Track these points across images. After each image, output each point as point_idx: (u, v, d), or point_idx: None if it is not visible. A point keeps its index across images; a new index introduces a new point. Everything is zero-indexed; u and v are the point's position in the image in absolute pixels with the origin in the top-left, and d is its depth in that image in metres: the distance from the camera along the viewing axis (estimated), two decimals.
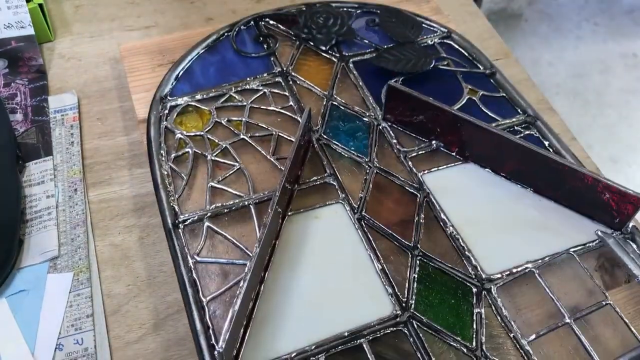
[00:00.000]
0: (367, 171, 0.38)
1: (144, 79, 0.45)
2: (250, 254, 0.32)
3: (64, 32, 0.49)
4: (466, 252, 0.34)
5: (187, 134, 0.40)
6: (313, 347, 0.30)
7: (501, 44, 0.51)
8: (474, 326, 0.31)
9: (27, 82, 0.43)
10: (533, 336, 0.31)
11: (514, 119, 0.42)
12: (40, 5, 0.46)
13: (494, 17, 1.44)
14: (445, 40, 0.49)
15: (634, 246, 0.34)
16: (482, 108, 0.43)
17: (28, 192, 0.38)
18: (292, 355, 0.29)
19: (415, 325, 0.31)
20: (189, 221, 0.35)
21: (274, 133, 0.40)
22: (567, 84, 1.42)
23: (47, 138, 0.40)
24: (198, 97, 0.42)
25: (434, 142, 0.40)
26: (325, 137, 0.41)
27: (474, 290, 0.33)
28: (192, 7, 0.53)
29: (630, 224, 0.35)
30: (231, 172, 0.38)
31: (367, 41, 0.48)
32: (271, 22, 0.49)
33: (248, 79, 0.44)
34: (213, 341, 0.29)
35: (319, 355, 0.29)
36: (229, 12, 0.52)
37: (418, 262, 0.34)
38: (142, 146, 0.41)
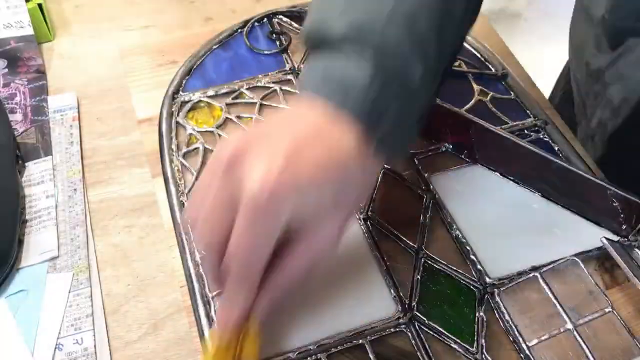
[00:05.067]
0: None
1: (143, 79, 0.49)
2: None
3: (63, 32, 0.53)
4: (471, 256, 0.38)
5: (198, 129, 0.44)
6: (315, 345, 0.33)
7: (501, 43, 0.55)
8: (476, 329, 0.34)
9: (27, 82, 0.48)
10: (535, 341, 0.34)
11: (524, 122, 0.46)
12: (40, 5, 0.50)
13: (494, 17, 1.50)
14: None
15: None
16: (493, 110, 0.47)
17: (27, 192, 0.41)
18: (294, 353, 0.33)
19: (417, 327, 0.34)
20: None
21: None
22: None
23: (46, 138, 0.44)
24: (210, 93, 0.46)
25: (443, 143, 0.44)
26: None
27: (477, 293, 0.36)
28: (192, 6, 0.57)
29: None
30: None
31: None
32: (284, 19, 0.53)
33: (259, 76, 0.48)
34: None
35: (320, 354, 0.33)
36: (228, 12, 0.57)
37: (422, 263, 0.37)
38: (141, 146, 0.45)
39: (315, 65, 0.30)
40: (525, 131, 0.45)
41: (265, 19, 0.53)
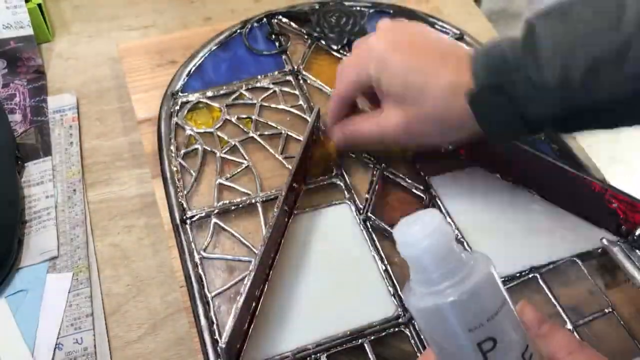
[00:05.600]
0: (375, 172, 0.42)
1: (143, 79, 0.49)
2: (256, 252, 0.35)
3: (62, 32, 0.53)
4: None
5: (197, 130, 0.44)
6: (315, 345, 0.33)
7: None
8: None
9: (26, 83, 0.48)
10: None
11: None
12: (39, 5, 0.50)
13: (494, 17, 1.51)
14: None
15: None
16: None
17: (27, 192, 0.41)
18: (294, 353, 0.33)
19: (417, 327, 0.35)
20: (196, 217, 0.39)
21: (283, 132, 0.44)
22: None
23: (46, 138, 0.45)
24: (209, 94, 0.47)
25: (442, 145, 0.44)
26: None
27: None
28: (191, 6, 0.58)
29: (637, 232, 0.38)
30: (239, 169, 0.42)
31: None
32: (284, 19, 0.53)
33: (259, 76, 0.48)
34: (217, 336, 0.33)
35: (320, 354, 0.33)
36: (228, 12, 0.57)
37: None
38: (141, 146, 0.45)
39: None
40: None
41: (264, 20, 0.53)
